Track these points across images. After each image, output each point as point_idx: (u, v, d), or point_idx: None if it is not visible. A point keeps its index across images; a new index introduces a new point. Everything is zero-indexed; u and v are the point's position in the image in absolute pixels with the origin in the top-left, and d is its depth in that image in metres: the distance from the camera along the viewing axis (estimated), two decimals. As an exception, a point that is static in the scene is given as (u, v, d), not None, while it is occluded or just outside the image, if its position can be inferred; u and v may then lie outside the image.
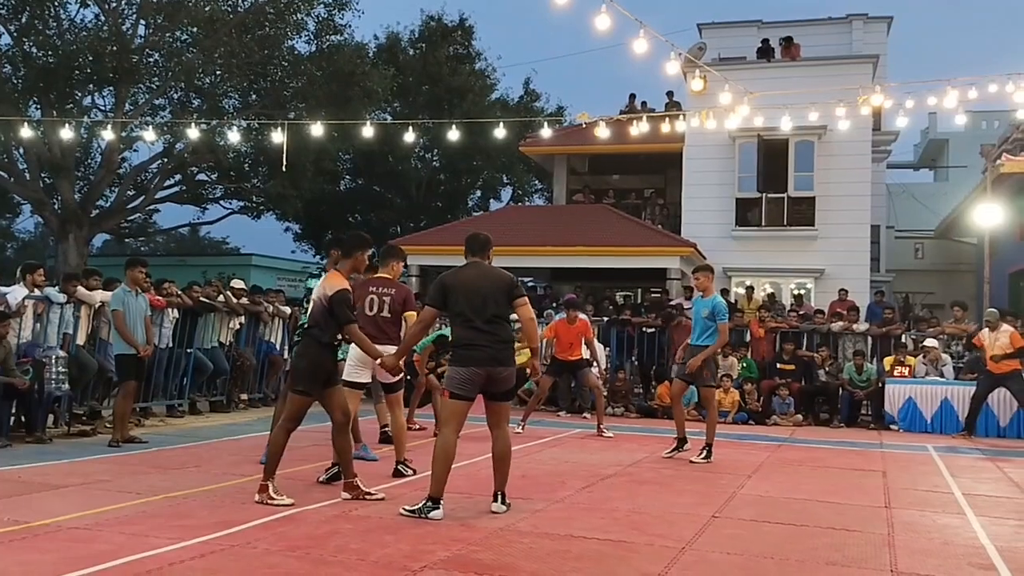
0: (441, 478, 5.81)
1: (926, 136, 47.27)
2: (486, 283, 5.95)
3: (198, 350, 12.04)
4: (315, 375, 6.19)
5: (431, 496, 5.78)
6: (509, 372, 5.95)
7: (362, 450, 8.19)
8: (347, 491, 6.32)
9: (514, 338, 6.05)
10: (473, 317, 5.85)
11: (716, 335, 8.86)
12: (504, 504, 6.04)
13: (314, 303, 6.31)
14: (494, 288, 5.94)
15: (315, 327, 6.23)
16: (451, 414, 6.00)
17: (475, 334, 5.84)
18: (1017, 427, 12.40)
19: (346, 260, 6.50)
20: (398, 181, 32.59)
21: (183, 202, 29.00)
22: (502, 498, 6.06)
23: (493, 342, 5.84)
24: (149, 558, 4.62)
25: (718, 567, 4.83)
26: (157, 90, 25.42)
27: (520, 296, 6.02)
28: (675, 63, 12.98)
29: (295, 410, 6.21)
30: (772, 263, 19.29)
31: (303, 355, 6.31)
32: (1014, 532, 6.00)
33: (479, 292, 5.91)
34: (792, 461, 9.35)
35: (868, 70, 18.98)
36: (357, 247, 6.55)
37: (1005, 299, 19.03)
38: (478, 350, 5.83)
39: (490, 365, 5.84)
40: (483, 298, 5.88)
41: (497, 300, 5.92)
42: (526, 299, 6.08)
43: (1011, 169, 16.74)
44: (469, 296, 5.89)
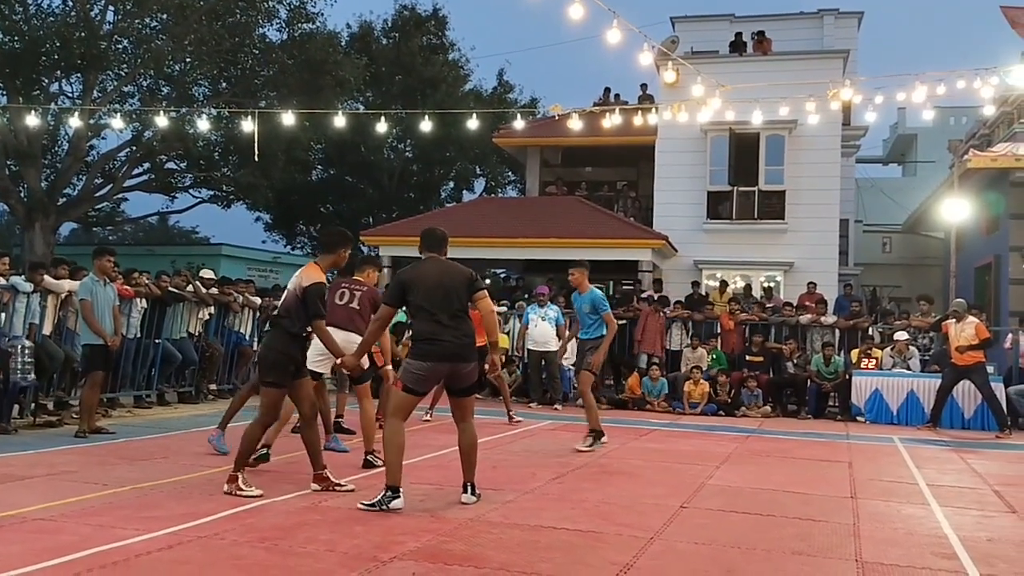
0: (396, 467, 5.78)
1: (895, 131, 47.80)
2: (447, 278, 5.92)
3: (167, 340, 11.93)
4: (284, 366, 6.14)
5: (388, 486, 5.74)
6: (472, 367, 5.94)
7: (332, 441, 8.18)
8: (316, 482, 6.29)
9: (474, 333, 6.02)
10: (436, 311, 5.80)
11: (603, 326, 9.04)
12: (474, 495, 6.04)
13: (288, 293, 6.25)
14: (455, 282, 5.92)
15: (286, 318, 6.18)
16: (400, 407, 5.96)
17: (438, 328, 5.79)
18: (981, 419, 12.59)
19: (328, 256, 6.44)
20: (370, 171, 32.44)
21: (152, 191, 28.64)
22: (472, 489, 6.06)
23: (457, 336, 5.81)
24: (115, 549, 4.58)
25: (686, 557, 4.88)
26: (126, 77, 25.07)
27: (480, 289, 6.00)
28: (648, 55, 13.00)
29: (269, 403, 6.15)
30: (742, 256, 19.43)
31: (271, 346, 6.25)
32: (976, 522, 6.10)
33: (441, 286, 5.86)
34: (760, 452, 9.45)
35: (839, 65, 19.15)
36: (342, 244, 6.51)
37: (971, 293, 19.30)
38: (441, 345, 5.78)
39: (453, 361, 5.82)
40: (445, 292, 5.84)
41: (459, 294, 5.90)
42: (485, 292, 6.08)
43: (978, 164, 16.95)
44: (430, 291, 5.84)
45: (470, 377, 5.96)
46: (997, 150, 17.34)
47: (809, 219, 19.15)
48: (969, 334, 11.87)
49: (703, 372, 13.73)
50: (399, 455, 5.80)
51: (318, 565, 4.41)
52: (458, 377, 5.91)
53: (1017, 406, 12.85)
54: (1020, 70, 13.48)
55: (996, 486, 7.66)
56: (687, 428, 11.60)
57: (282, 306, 6.27)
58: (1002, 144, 17.67)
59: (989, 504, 6.83)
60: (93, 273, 9.19)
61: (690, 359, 14.29)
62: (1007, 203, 17.53)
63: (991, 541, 5.52)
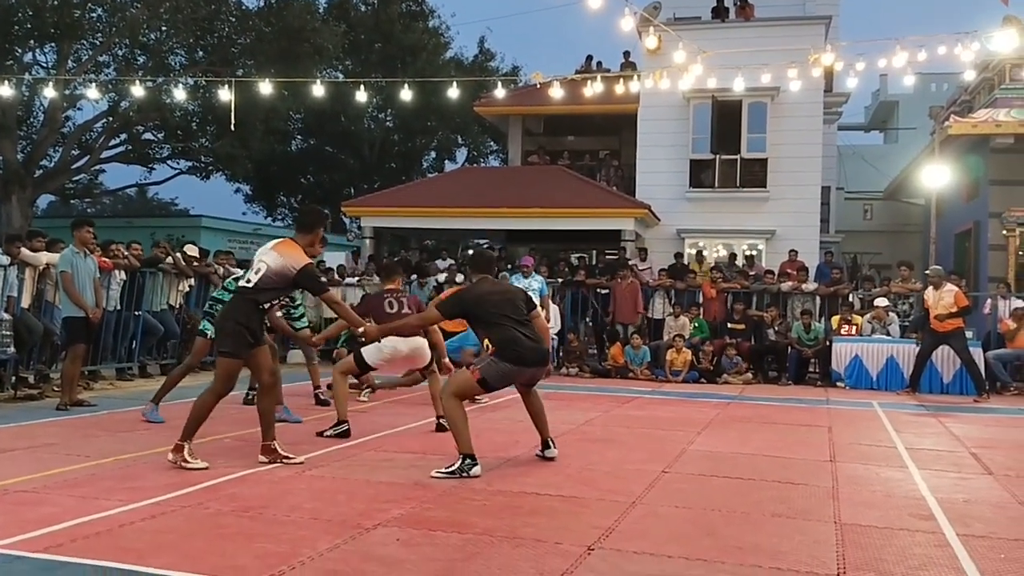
0: (467, 437, 6.00)
1: (876, 98, 47.78)
2: (509, 294, 6.49)
3: (147, 312, 11.87)
4: (241, 336, 5.99)
5: (464, 454, 5.95)
6: (544, 369, 6.52)
7: (284, 412, 8.13)
8: (264, 454, 6.19)
9: None
10: (515, 322, 6.22)
11: None
12: (555, 447, 6.66)
13: (266, 270, 6.01)
14: (516, 298, 6.46)
15: (257, 291, 6.00)
16: (465, 393, 6.27)
17: (522, 337, 6.18)
18: (960, 383, 12.76)
19: (305, 235, 6.33)
20: (351, 141, 32.22)
21: (129, 162, 28.36)
22: (552, 443, 6.67)
23: (538, 343, 6.29)
24: (99, 520, 4.58)
25: (667, 520, 4.93)
26: (100, 46, 24.68)
27: (535, 307, 6.55)
28: (630, 20, 12.93)
29: (223, 373, 6.04)
30: (724, 224, 19.45)
31: (229, 315, 6.10)
32: (953, 484, 6.19)
33: (509, 300, 6.34)
34: (741, 418, 9.53)
35: (820, 31, 19.08)
36: (318, 223, 6.45)
37: (950, 259, 19.44)
38: (529, 351, 6.18)
39: (537, 365, 6.32)
40: (514, 305, 6.32)
41: (521, 308, 6.38)
42: (539, 311, 6.67)
43: (959, 131, 17.00)
44: (503, 304, 6.27)
45: (541, 375, 6.55)
46: (978, 116, 17.38)
47: (791, 187, 19.18)
48: (948, 302, 11.97)
49: (685, 340, 13.81)
50: (466, 426, 6.03)
51: (302, 533, 4.43)
52: (535, 377, 6.46)
53: (996, 371, 13.02)
54: (1001, 36, 13.49)
55: (973, 449, 7.77)
56: (669, 395, 11.68)
57: (257, 280, 6.02)
58: (983, 110, 17.71)
59: (966, 466, 6.93)
60: (73, 245, 9.09)
61: (672, 327, 14.36)
62: (987, 169, 17.61)
63: (968, 502, 5.60)
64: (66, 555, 3.98)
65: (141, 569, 3.81)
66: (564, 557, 4.11)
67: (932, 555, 4.37)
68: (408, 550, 4.18)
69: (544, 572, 3.89)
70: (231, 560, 3.97)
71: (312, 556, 4.04)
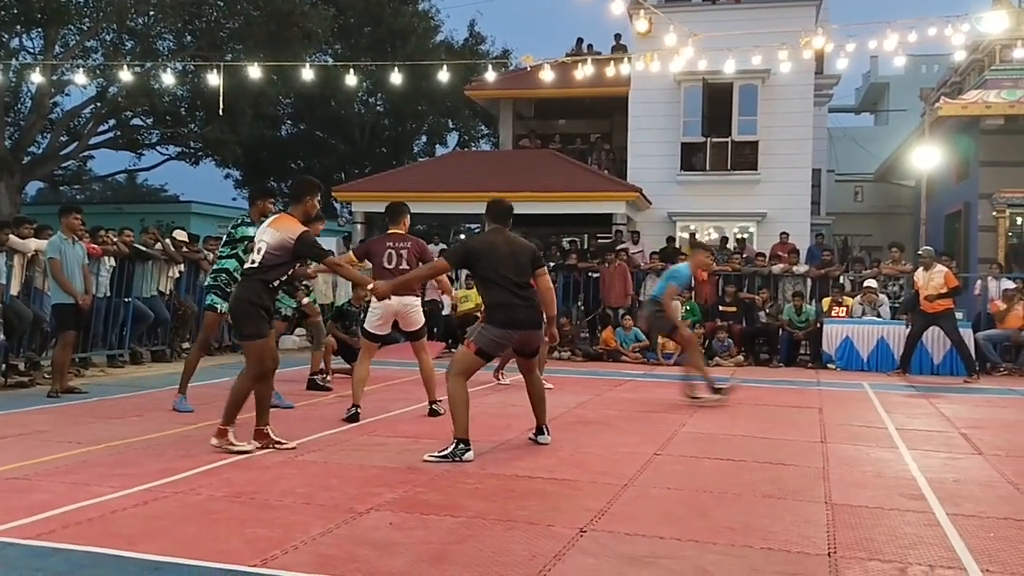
0: (464, 421, 5.97)
1: (867, 80, 47.77)
2: (516, 250, 6.22)
3: (137, 299, 11.83)
4: (258, 316, 6.01)
5: (458, 438, 5.92)
6: (539, 333, 6.36)
7: (275, 397, 8.01)
8: (257, 439, 6.16)
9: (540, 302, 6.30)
10: (510, 282, 6.09)
11: None
12: (548, 435, 6.60)
13: (267, 247, 5.99)
14: (522, 255, 6.23)
15: (265, 270, 6.01)
16: (467, 368, 6.16)
17: (513, 298, 6.07)
18: (950, 364, 12.80)
19: (298, 206, 6.26)
20: (341, 126, 32.07)
21: (118, 148, 28.20)
22: (546, 430, 6.62)
23: (529, 306, 6.14)
24: (91, 506, 4.57)
25: (659, 501, 4.95)
26: (88, 31, 24.49)
27: (542, 265, 6.36)
28: (620, 3, 12.89)
29: (253, 355, 6.05)
30: (716, 207, 19.47)
31: (243, 298, 6.06)
32: (943, 464, 6.23)
33: (512, 258, 6.16)
34: (732, 400, 9.53)
35: (811, 13, 19.05)
36: (309, 192, 6.32)
37: (940, 240, 19.50)
38: (517, 313, 6.08)
39: (527, 328, 6.17)
40: (516, 264, 6.15)
41: (525, 267, 6.21)
42: (546, 268, 6.47)
43: (949, 112, 17.02)
44: (503, 261, 6.11)
45: (537, 341, 6.39)
46: (968, 97, 17.39)
47: (782, 169, 19.19)
48: (938, 283, 11.99)
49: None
50: (465, 410, 6.00)
51: (294, 518, 4.43)
52: (528, 341, 6.28)
53: (986, 351, 13.08)
54: (991, 17, 13.48)
55: (963, 429, 7.81)
56: (661, 378, 11.70)
57: (261, 259, 6.01)
58: (973, 91, 17.72)
59: (956, 447, 6.96)
60: (61, 232, 9.05)
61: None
62: (977, 150, 17.65)
63: (957, 482, 5.64)
64: (58, 541, 3.98)
65: (133, 555, 3.80)
66: (556, 539, 4.13)
67: (922, 534, 4.40)
68: (401, 534, 4.19)
69: (536, 555, 3.91)
70: (223, 545, 3.97)
71: (305, 540, 4.04)
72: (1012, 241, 16.95)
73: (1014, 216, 17.26)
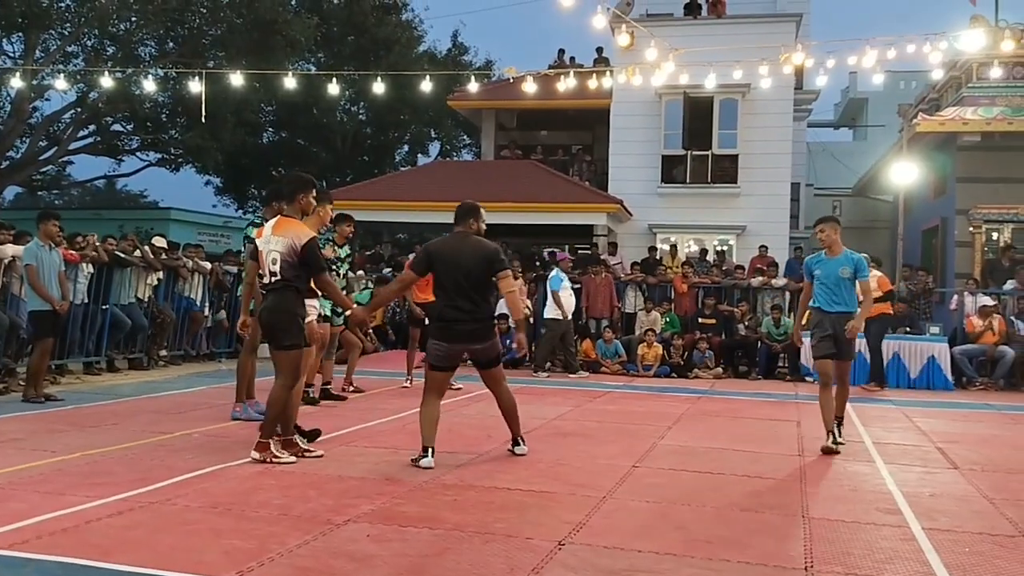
0: (428, 433, 5.99)
1: (846, 95, 48.17)
2: (465, 256, 5.92)
3: (115, 306, 11.73)
4: (297, 326, 6.00)
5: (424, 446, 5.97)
6: (489, 344, 6.08)
7: (256, 408, 7.85)
8: (285, 448, 6.12)
9: (493, 314, 6.12)
10: (451, 292, 5.88)
11: None
12: (524, 445, 6.51)
13: (281, 258, 5.93)
14: (473, 260, 5.90)
15: (286, 281, 5.96)
16: (429, 386, 6.14)
17: (452, 311, 5.89)
18: (927, 378, 12.93)
19: (291, 205, 6.13)
20: (323, 134, 31.98)
21: (98, 153, 27.97)
22: (521, 441, 6.53)
23: (468, 320, 5.91)
24: (66, 516, 4.52)
25: (637, 514, 4.95)
26: (69, 36, 24.29)
27: (501, 269, 5.98)
28: (602, 17, 12.96)
29: (292, 365, 6.01)
30: (696, 220, 19.56)
31: (282, 309, 5.97)
32: (920, 479, 6.27)
33: (457, 265, 5.90)
34: (711, 412, 9.60)
35: (791, 29, 19.23)
36: (300, 189, 6.16)
37: (918, 255, 19.68)
38: (452, 328, 5.94)
39: (465, 342, 5.99)
40: (463, 272, 5.89)
41: (477, 273, 5.89)
42: (508, 272, 6.05)
43: (926, 128, 17.19)
44: (448, 269, 5.89)
45: (488, 353, 6.12)
46: (945, 114, 17.58)
47: (761, 183, 19.31)
48: (873, 287, 12.09)
49: (657, 335, 13.88)
50: (432, 425, 6.02)
51: (271, 528, 4.40)
52: (476, 354, 6.09)
53: (962, 366, 13.21)
54: (968, 35, 13.67)
55: (940, 444, 7.87)
56: (640, 390, 11.74)
57: (280, 271, 5.95)
58: (950, 108, 17.91)
59: (932, 461, 7.02)
60: (38, 238, 9.02)
61: (644, 322, 14.43)
62: (954, 167, 17.83)
63: (933, 496, 5.68)
64: (32, 552, 3.93)
65: (108, 566, 3.77)
66: (535, 552, 4.12)
67: (898, 549, 4.43)
68: (379, 546, 4.18)
69: (514, 567, 3.90)
70: (199, 556, 3.94)
71: (282, 552, 4.02)
72: (988, 257, 17.11)
73: (990, 232, 17.44)
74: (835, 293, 7.29)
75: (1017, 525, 4.95)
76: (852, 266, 7.35)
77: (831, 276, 7.32)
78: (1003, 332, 13.32)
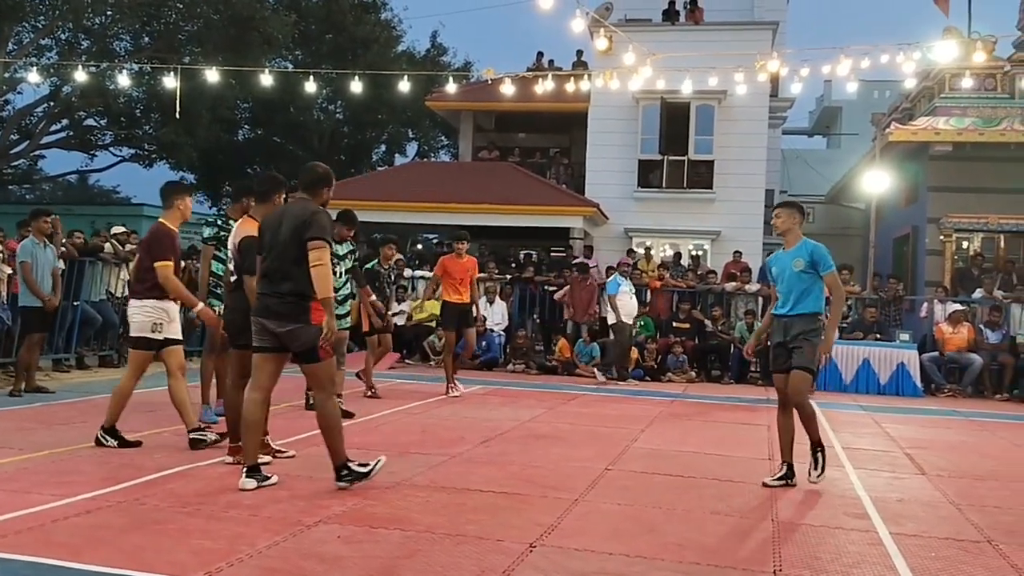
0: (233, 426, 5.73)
1: (820, 103, 48.67)
2: (280, 226, 5.27)
3: (86, 302, 11.61)
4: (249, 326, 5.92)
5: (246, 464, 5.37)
6: (298, 329, 5.20)
7: (204, 412, 7.72)
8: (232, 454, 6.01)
9: (308, 291, 5.17)
10: (266, 264, 5.33)
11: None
12: (346, 480, 5.30)
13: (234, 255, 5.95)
14: (286, 231, 5.22)
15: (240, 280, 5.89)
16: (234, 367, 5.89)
17: (263, 282, 5.33)
18: (896, 384, 13.07)
19: (261, 205, 6.03)
20: (299, 132, 31.84)
21: (70, 148, 27.71)
22: (343, 473, 5.32)
23: (276, 294, 5.24)
24: (31, 515, 4.47)
25: (609, 517, 4.97)
26: (43, 29, 24.05)
27: (313, 238, 5.13)
28: (581, 21, 13.00)
29: (242, 366, 5.82)
30: (671, 224, 19.64)
31: (237, 308, 5.89)
32: (887, 483, 6.34)
33: (271, 236, 5.31)
34: (683, 416, 9.65)
35: (768, 36, 19.38)
36: (274, 190, 5.99)
37: (889, 263, 19.90)
38: (261, 300, 5.33)
39: (270, 318, 5.24)
40: (276, 244, 5.25)
41: (288, 245, 5.20)
42: (319, 242, 5.13)
43: (899, 138, 17.38)
44: (264, 241, 5.36)
45: (298, 338, 5.22)
46: (918, 124, 17.78)
47: (737, 189, 19.43)
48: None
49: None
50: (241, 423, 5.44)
51: (241, 529, 4.37)
52: (284, 338, 5.25)
53: (931, 373, 13.36)
54: (941, 46, 13.83)
55: (908, 449, 7.96)
56: (614, 393, 11.77)
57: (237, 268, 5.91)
58: (923, 118, 18.13)
59: (901, 466, 7.10)
60: (33, 235, 9.28)
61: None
62: (926, 176, 18.04)
63: (901, 501, 5.74)
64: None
65: (76, 565, 3.73)
66: (506, 554, 4.12)
67: (866, 553, 4.47)
68: (349, 547, 4.16)
69: (485, 570, 3.90)
70: (168, 556, 3.90)
71: (251, 553, 3.99)
72: (958, 265, 17.33)
73: (960, 240, 17.67)
74: (788, 292, 6.08)
75: (982, 531, 5.02)
76: (807, 257, 6.08)
77: (784, 272, 6.14)
78: (972, 340, 13.49)
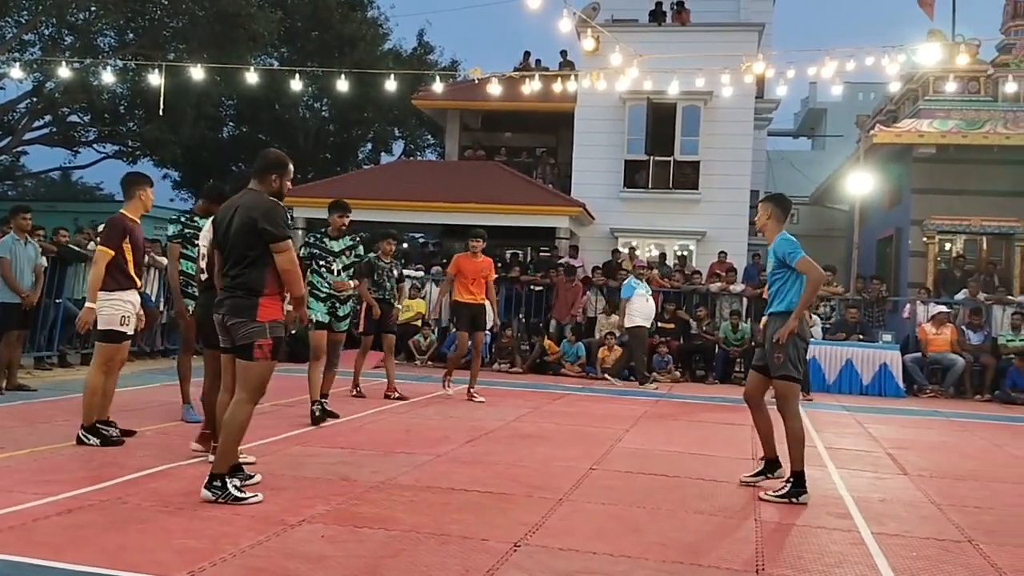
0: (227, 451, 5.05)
1: (805, 105, 48.94)
2: (234, 218, 4.97)
3: (68, 300, 11.53)
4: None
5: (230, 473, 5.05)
6: (234, 323, 4.94)
7: (186, 412, 7.68)
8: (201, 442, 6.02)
9: (257, 287, 4.93)
10: (221, 257, 5.10)
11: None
12: (212, 491, 4.83)
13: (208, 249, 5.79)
14: (239, 223, 4.92)
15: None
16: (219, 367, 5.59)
17: (219, 276, 5.15)
18: (879, 385, 13.15)
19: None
20: (285, 130, 31.74)
21: (53, 144, 27.52)
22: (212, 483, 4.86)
23: (226, 289, 5.03)
24: (11, 514, 4.43)
25: (593, 516, 4.98)
26: (26, 25, 23.85)
27: (276, 240, 4.87)
28: (568, 21, 13.01)
29: (215, 366, 5.74)
30: (657, 225, 19.70)
31: (209, 307, 5.60)
32: (870, 483, 6.38)
33: (226, 227, 5.01)
34: (668, 415, 9.68)
35: (754, 38, 19.45)
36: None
37: (872, 264, 20.02)
38: (219, 294, 5.13)
39: (218, 311, 5.06)
40: (230, 236, 4.99)
41: (240, 240, 4.93)
42: (283, 243, 4.90)
43: (883, 140, 17.49)
44: (220, 232, 5.09)
45: (237, 332, 4.93)
46: (902, 126, 17.90)
47: (722, 190, 19.50)
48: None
49: (617, 338, 13.95)
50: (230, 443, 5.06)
51: (224, 529, 4.35)
52: (230, 331, 5.00)
53: (913, 374, 13.45)
54: (925, 49, 13.93)
55: (890, 449, 8.02)
56: (600, 393, 11.79)
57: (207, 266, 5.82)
58: (907, 120, 18.25)
59: (883, 467, 7.14)
60: (13, 232, 9.27)
61: (604, 325, 14.51)
62: (910, 178, 18.16)
63: (883, 501, 5.78)
64: (-24, 550, 3.85)
65: (57, 565, 3.70)
66: (490, 554, 4.12)
67: (848, 553, 4.50)
68: (333, 547, 4.15)
69: (470, 569, 3.90)
70: (151, 556, 3.88)
71: (234, 553, 3.97)
72: (941, 267, 17.46)
73: (943, 242, 17.80)
74: (770, 291, 5.90)
75: (963, 530, 5.06)
76: (773, 256, 5.77)
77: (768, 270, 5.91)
78: (955, 341, 13.59)
